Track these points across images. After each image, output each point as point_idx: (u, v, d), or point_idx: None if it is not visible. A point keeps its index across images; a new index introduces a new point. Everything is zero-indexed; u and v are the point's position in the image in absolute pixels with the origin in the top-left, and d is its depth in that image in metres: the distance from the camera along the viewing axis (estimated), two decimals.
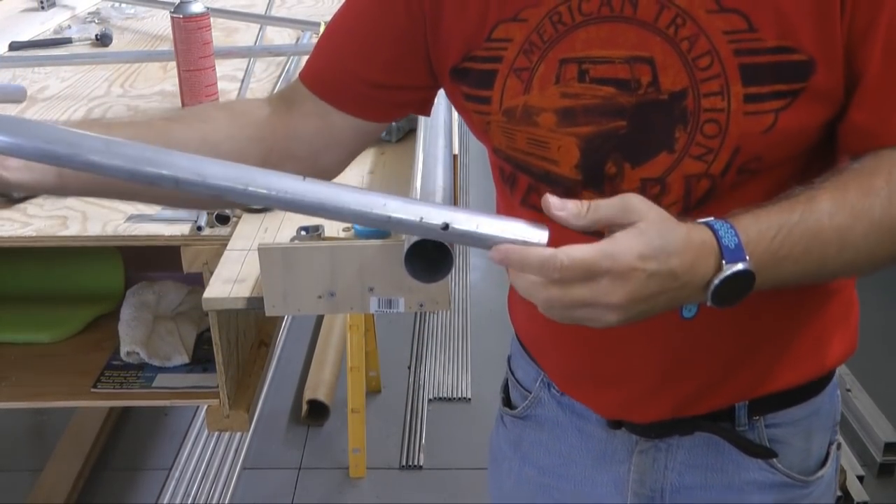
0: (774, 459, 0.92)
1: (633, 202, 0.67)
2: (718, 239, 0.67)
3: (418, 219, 0.67)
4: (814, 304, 0.89)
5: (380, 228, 0.70)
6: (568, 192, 0.81)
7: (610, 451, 0.96)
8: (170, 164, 0.67)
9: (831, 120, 0.76)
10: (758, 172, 0.76)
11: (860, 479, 2.15)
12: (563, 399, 0.99)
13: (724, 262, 0.67)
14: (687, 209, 0.78)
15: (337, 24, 0.89)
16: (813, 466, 0.95)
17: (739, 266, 0.67)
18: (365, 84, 0.87)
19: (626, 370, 0.90)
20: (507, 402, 1.08)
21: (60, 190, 0.81)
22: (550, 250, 0.65)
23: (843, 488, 2.09)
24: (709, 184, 0.77)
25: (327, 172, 0.92)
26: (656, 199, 0.73)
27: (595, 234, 0.68)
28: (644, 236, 0.65)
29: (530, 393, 1.02)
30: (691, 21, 0.74)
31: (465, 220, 0.68)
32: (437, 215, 0.67)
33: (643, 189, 0.78)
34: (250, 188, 0.67)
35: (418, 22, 0.84)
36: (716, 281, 0.67)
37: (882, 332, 2.85)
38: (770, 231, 0.69)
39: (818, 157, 0.79)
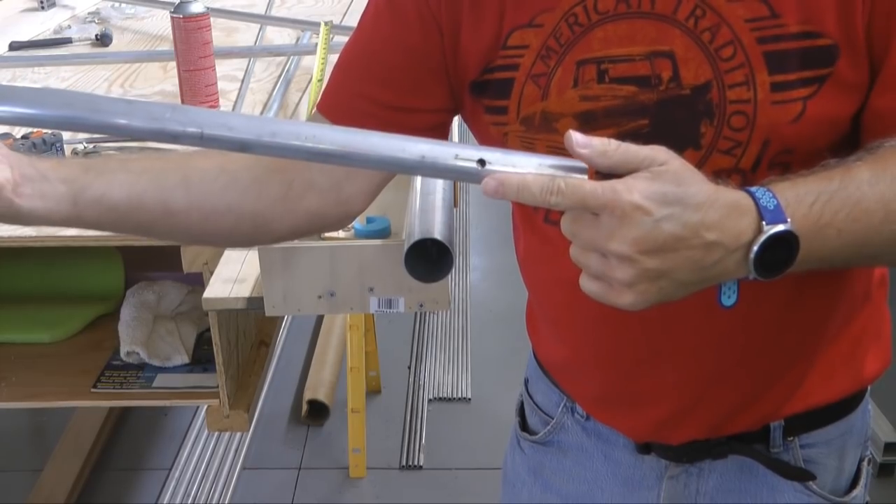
0: (810, 481, 0.90)
1: (660, 151, 0.62)
2: (756, 200, 0.63)
3: (453, 156, 0.63)
4: (846, 314, 0.87)
5: (411, 173, 0.66)
6: None
7: (638, 476, 0.93)
8: (194, 120, 0.64)
9: (858, 110, 0.74)
10: (789, 167, 0.73)
11: None
12: (587, 424, 0.95)
13: (763, 223, 0.62)
14: None
15: (350, 50, 0.86)
16: (844, 485, 0.94)
17: (781, 227, 0.62)
18: (382, 108, 0.83)
19: (661, 389, 0.87)
20: (524, 425, 1.04)
21: (75, 220, 0.76)
22: (549, 176, 0.61)
23: None
24: (739, 179, 0.74)
25: (352, 205, 0.86)
26: None
27: None
28: (657, 179, 0.61)
29: (552, 418, 0.99)
30: (711, 11, 0.72)
31: (501, 159, 0.63)
32: (472, 153, 0.63)
33: None
34: (277, 139, 0.63)
35: (435, 40, 0.81)
36: (757, 244, 0.62)
37: None
38: (809, 196, 0.65)
39: (849, 150, 0.76)
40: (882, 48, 0.71)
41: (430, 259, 1.02)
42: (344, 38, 1.99)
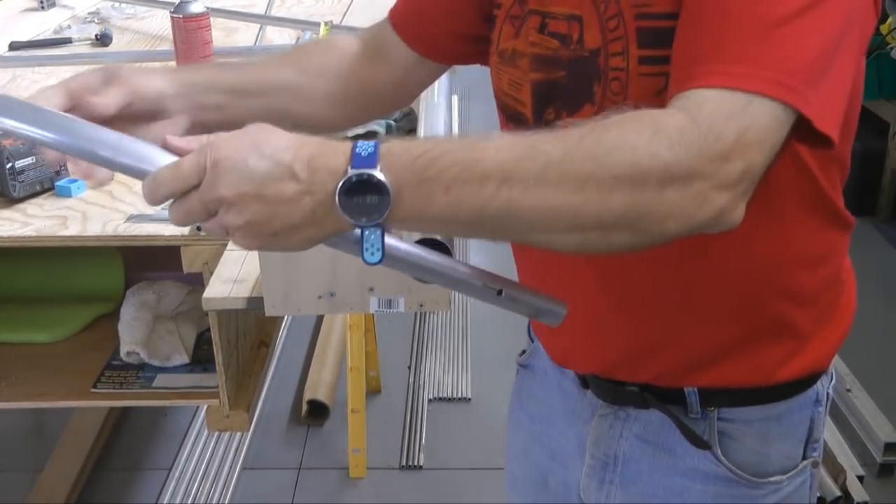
0: (719, 452, 0.92)
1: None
2: (353, 147, 0.65)
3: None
4: (748, 310, 0.88)
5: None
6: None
7: (579, 409, 1.00)
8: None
9: None
10: None
11: (860, 479, 2.14)
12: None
13: (350, 167, 0.64)
14: None
15: None
16: (769, 472, 0.93)
17: (366, 171, 0.64)
18: (449, 34, 0.96)
19: (568, 317, 0.93)
20: (524, 352, 1.13)
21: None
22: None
23: (843, 488, 2.09)
24: None
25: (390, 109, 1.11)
26: None
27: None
28: (241, 132, 0.67)
29: (533, 342, 1.08)
30: None
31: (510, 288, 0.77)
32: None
33: None
34: None
35: None
36: (339, 185, 0.64)
37: (882, 332, 2.85)
38: (417, 150, 0.65)
39: None
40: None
41: None
42: None
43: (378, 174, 0.64)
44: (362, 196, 0.64)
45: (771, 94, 0.65)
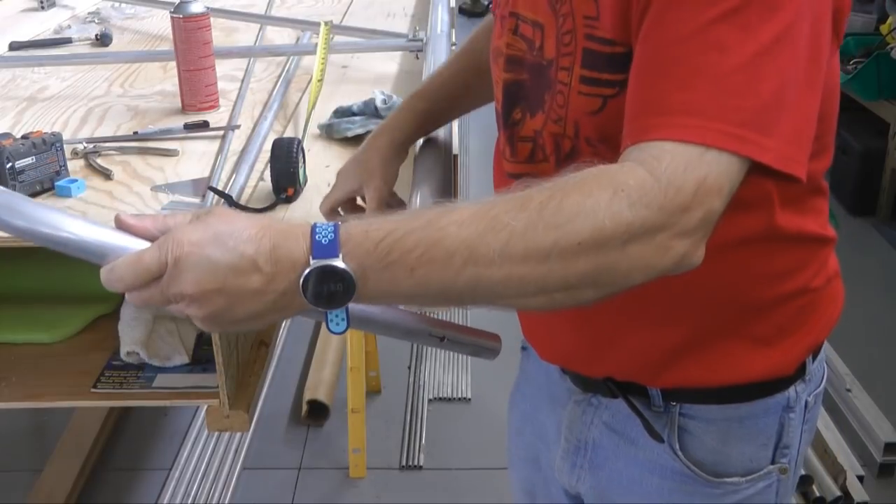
0: (677, 446, 0.93)
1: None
2: (313, 234, 0.66)
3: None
4: (698, 315, 0.88)
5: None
6: (499, 129, 0.94)
7: (558, 393, 1.02)
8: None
9: None
10: (609, 143, 0.77)
11: (860, 479, 2.14)
12: None
13: (311, 257, 0.65)
14: (559, 164, 0.84)
15: None
16: (727, 472, 0.94)
17: (328, 262, 0.64)
18: None
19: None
20: None
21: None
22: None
23: (843, 488, 2.09)
24: (570, 144, 0.84)
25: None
26: (541, 150, 0.86)
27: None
28: (203, 221, 0.68)
29: None
30: (569, 1, 0.81)
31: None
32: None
33: (534, 138, 0.88)
34: None
35: None
36: (302, 277, 0.65)
37: (882, 332, 2.85)
38: (379, 233, 0.65)
39: None
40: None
41: None
42: (344, 38, 2.00)
43: (340, 264, 0.64)
44: (325, 285, 0.65)
45: (723, 147, 0.66)
